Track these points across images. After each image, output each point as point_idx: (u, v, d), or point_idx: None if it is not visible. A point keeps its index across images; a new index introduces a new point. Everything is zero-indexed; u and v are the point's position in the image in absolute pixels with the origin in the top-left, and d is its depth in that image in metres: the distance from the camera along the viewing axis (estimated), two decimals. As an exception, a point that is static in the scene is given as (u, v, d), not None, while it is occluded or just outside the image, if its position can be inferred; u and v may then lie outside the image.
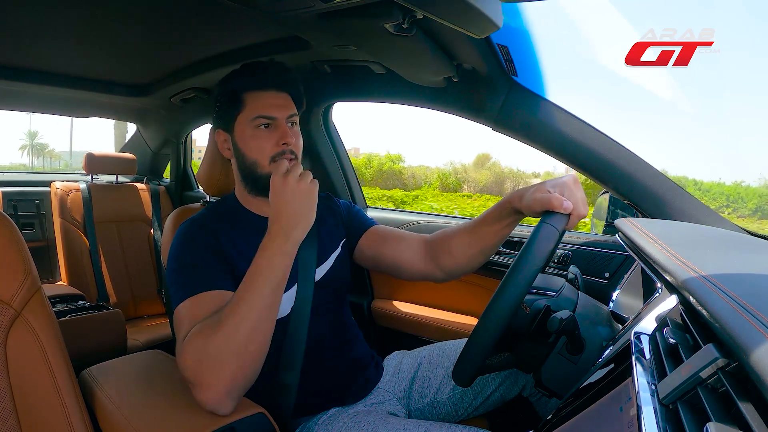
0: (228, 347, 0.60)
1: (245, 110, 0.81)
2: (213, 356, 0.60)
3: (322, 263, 0.87)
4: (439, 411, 0.89)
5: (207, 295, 0.69)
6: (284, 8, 0.83)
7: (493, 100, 1.06)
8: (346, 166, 1.60)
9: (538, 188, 0.70)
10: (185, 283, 0.70)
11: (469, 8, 0.64)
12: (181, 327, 0.67)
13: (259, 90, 0.81)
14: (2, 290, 0.62)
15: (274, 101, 0.81)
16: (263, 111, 0.80)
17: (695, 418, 0.33)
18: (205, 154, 0.99)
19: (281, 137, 0.80)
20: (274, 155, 0.80)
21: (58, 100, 1.75)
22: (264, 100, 0.81)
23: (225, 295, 0.70)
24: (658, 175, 0.95)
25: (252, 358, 0.62)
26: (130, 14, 1.03)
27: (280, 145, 0.80)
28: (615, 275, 1.07)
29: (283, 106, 0.82)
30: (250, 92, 0.81)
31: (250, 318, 0.62)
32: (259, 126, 0.80)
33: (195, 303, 0.68)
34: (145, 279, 1.94)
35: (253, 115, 0.80)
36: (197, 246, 0.75)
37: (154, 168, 2.30)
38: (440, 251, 0.87)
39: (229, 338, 0.60)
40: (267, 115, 0.80)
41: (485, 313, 0.57)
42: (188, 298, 0.68)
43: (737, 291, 0.37)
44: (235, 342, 0.60)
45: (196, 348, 0.61)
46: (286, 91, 0.84)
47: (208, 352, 0.60)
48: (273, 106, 0.81)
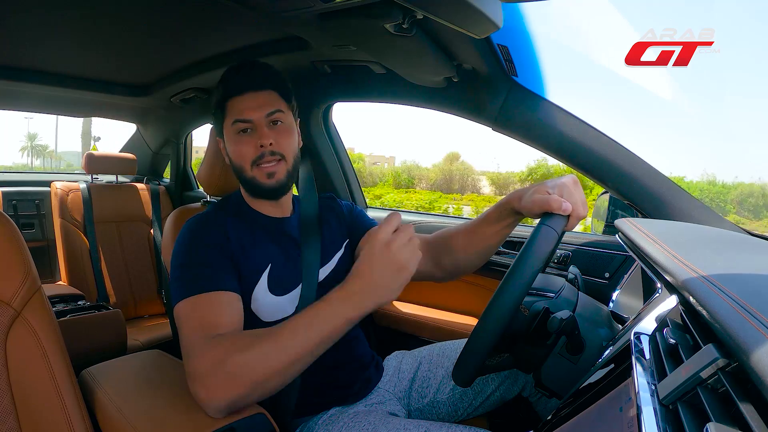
0: (250, 369, 0.58)
1: (227, 117, 0.81)
2: (232, 371, 0.58)
3: (325, 264, 0.87)
4: (439, 411, 0.89)
5: (211, 296, 0.68)
6: (284, 8, 0.83)
7: (493, 100, 1.06)
8: (346, 166, 1.60)
9: (537, 189, 0.70)
10: (190, 280, 0.69)
11: (469, 8, 0.64)
12: (184, 325, 0.66)
13: (238, 95, 0.80)
14: (2, 290, 0.62)
15: (250, 103, 0.80)
16: (238, 115, 0.79)
17: (695, 419, 0.33)
18: (205, 154, 0.99)
19: (260, 138, 0.79)
20: (254, 159, 0.79)
21: (58, 100, 1.75)
22: (240, 105, 0.80)
23: (229, 296, 0.69)
24: (658, 175, 0.95)
25: (264, 391, 0.60)
26: (131, 14, 1.03)
27: (258, 149, 0.79)
28: (615, 275, 1.07)
29: (260, 106, 0.80)
30: (231, 98, 0.81)
31: (280, 359, 0.59)
32: (239, 132, 0.80)
33: (200, 302, 0.67)
34: (145, 279, 1.94)
35: (231, 120, 0.80)
36: (205, 243, 0.74)
37: (154, 168, 2.30)
38: (441, 251, 0.87)
39: (256, 362, 0.58)
40: (242, 118, 0.79)
41: (485, 314, 0.57)
42: (191, 296, 0.68)
43: (737, 291, 0.37)
44: (258, 369, 0.58)
45: (219, 354, 0.59)
46: (267, 89, 0.82)
47: (231, 362, 0.58)
48: (247, 109, 0.79)
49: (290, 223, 0.87)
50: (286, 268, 0.81)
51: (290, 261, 0.82)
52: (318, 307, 0.61)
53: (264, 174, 0.79)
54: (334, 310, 0.60)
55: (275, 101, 0.81)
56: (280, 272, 0.79)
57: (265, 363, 0.58)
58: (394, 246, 0.59)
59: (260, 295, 0.77)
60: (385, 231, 0.60)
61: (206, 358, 0.60)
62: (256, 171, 0.80)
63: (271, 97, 0.81)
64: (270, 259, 0.80)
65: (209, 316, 0.66)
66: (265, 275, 0.78)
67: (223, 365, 0.58)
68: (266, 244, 0.81)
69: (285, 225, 0.86)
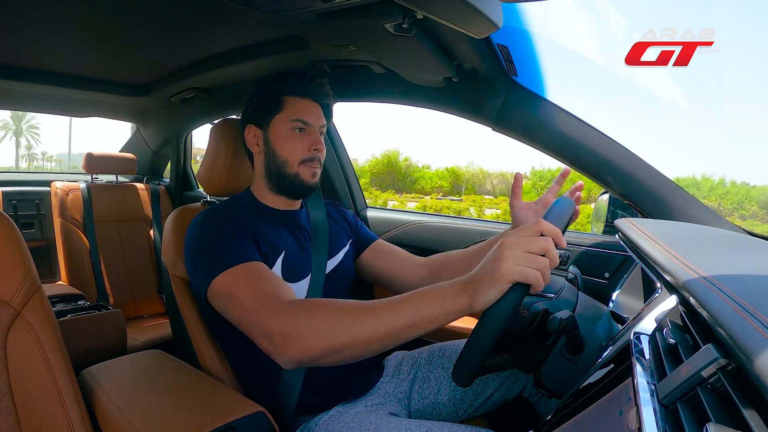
0: (337, 331, 0.57)
1: (284, 111, 0.86)
2: (318, 328, 0.57)
3: (332, 257, 0.90)
4: (439, 412, 0.89)
5: (248, 266, 0.69)
6: (284, 8, 0.83)
7: (492, 100, 1.06)
8: (347, 167, 1.60)
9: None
10: (220, 257, 0.70)
11: (469, 8, 0.64)
12: (238, 290, 0.66)
13: (299, 96, 0.87)
14: (2, 290, 0.62)
15: (312, 109, 0.87)
16: (302, 116, 0.85)
17: (695, 419, 0.33)
18: (205, 154, 0.99)
19: (313, 143, 0.85)
20: (304, 159, 0.85)
21: (57, 99, 1.75)
22: (303, 106, 0.87)
23: (259, 266, 0.70)
24: (658, 175, 0.95)
25: (338, 357, 0.58)
26: (130, 13, 1.03)
27: (311, 151, 0.85)
28: (615, 275, 1.07)
29: (319, 115, 0.88)
30: (290, 96, 0.87)
31: (364, 331, 0.56)
32: (295, 129, 0.85)
33: (239, 272, 0.68)
34: (145, 279, 1.93)
35: (292, 117, 0.85)
36: (225, 227, 0.76)
37: (154, 168, 2.30)
38: (440, 270, 0.93)
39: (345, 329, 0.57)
40: (304, 120, 0.85)
41: (484, 314, 0.57)
42: (228, 269, 0.68)
43: (737, 291, 0.37)
44: (343, 334, 0.57)
45: (303, 316, 0.59)
46: (321, 103, 0.90)
47: (321, 321, 0.58)
48: (311, 114, 0.87)
49: (301, 216, 0.91)
50: (300, 256, 0.84)
51: (303, 250, 0.85)
52: (431, 290, 0.56)
53: (309, 173, 0.86)
54: (448, 300, 0.54)
55: (324, 117, 0.90)
56: (294, 258, 0.82)
57: (347, 332, 0.56)
58: (510, 252, 0.51)
59: None
60: (518, 234, 0.52)
61: (288, 316, 0.59)
62: (302, 168, 0.85)
63: (321, 112, 0.90)
64: (285, 246, 0.82)
65: (259, 283, 0.66)
66: (279, 261, 0.80)
67: (307, 325, 0.58)
68: (281, 232, 0.84)
69: (297, 217, 0.90)
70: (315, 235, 0.89)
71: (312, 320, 0.59)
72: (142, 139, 2.22)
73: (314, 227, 0.91)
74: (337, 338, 0.57)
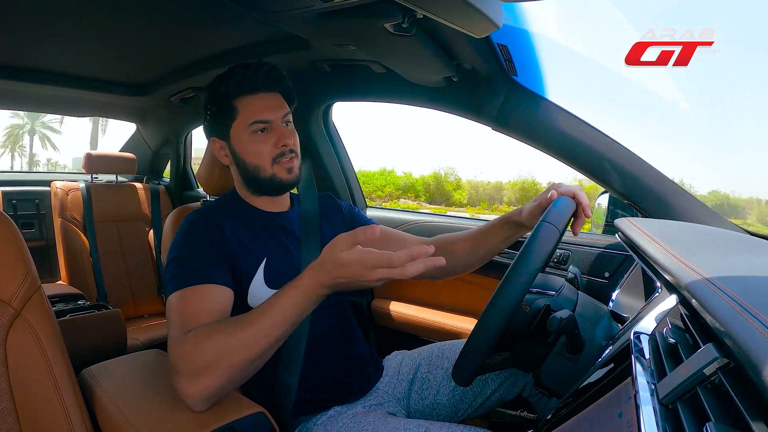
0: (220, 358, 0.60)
1: (239, 117, 0.80)
2: (202, 362, 0.60)
3: None
4: (439, 412, 0.89)
5: (200, 289, 0.69)
6: (284, 7, 0.83)
7: (493, 99, 1.06)
8: (346, 166, 1.60)
9: (536, 198, 0.78)
10: (181, 273, 0.71)
11: (469, 8, 0.64)
12: (170, 319, 0.68)
13: (250, 94, 0.80)
14: (2, 290, 0.62)
15: (267, 103, 0.81)
16: (258, 115, 0.80)
17: (695, 418, 0.33)
18: (205, 154, 0.99)
19: (279, 139, 0.80)
20: (275, 157, 0.81)
21: (57, 99, 1.75)
22: (256, 104, 0.80)
23: (219, 289, 0.70)
24: (658, 175, 0.95)
25: (235, 377, 0.62)
26: (130, 13, 1.03)
27: (279, 147, 0.81)
28: (615, 275, 1.07)
29: (276, 107, 0.81)
30: (240, 97, 0.80)
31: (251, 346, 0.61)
32: (256, 131, 0.80)
33: (187, 295, 0.68)
34: (144, 279, 1.93)
35: (248, 121, 0.80)
36: (199, 239, 0.75)
37: (154, 167, 2.30)
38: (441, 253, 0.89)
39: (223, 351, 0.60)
40: (262, 119, 0.80)
41: (485, 313, 0.57)
42: (181, 289, 0.69)
43: (737, 291, 0.37)
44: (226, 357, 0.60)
45: (189, 348, 0.61)
46: (276, 90, 0.83)
47: (200, 354, 0.61)
48: (266, 109, 0.80)
49: (289, 218, 0.88)
50: (285, 261, 0.82)
51: (289, 255, 0.83)
52: (287, 289, 0.62)
53: (284, 169, 0.82)
54: (304, 293, 0.61)
55: (284, 104, 0.84)
56: (277, 266, 0.80)
57: (233, 351, 0.60)
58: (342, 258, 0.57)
59: (257, 289, 0.77)
60: (346, 241, 0.58)
61: (181, 351, 0.61)
62: (277, 167, 0.81)
63: (280, 99, 0.83)
64: (267, 252, 0.80)
65: (192, 309, 0.67)
66: (261, 268, 0.79)
67: (192, 359, 0.60)
68: (263, 238, 0.82)
69: (283, 219, 0.87)
70: (305, 237, 0.86)
71: (203, 353, 0.60)
72: (142, 138, 2.22)
73: (305, 229, 0.87)
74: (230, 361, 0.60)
